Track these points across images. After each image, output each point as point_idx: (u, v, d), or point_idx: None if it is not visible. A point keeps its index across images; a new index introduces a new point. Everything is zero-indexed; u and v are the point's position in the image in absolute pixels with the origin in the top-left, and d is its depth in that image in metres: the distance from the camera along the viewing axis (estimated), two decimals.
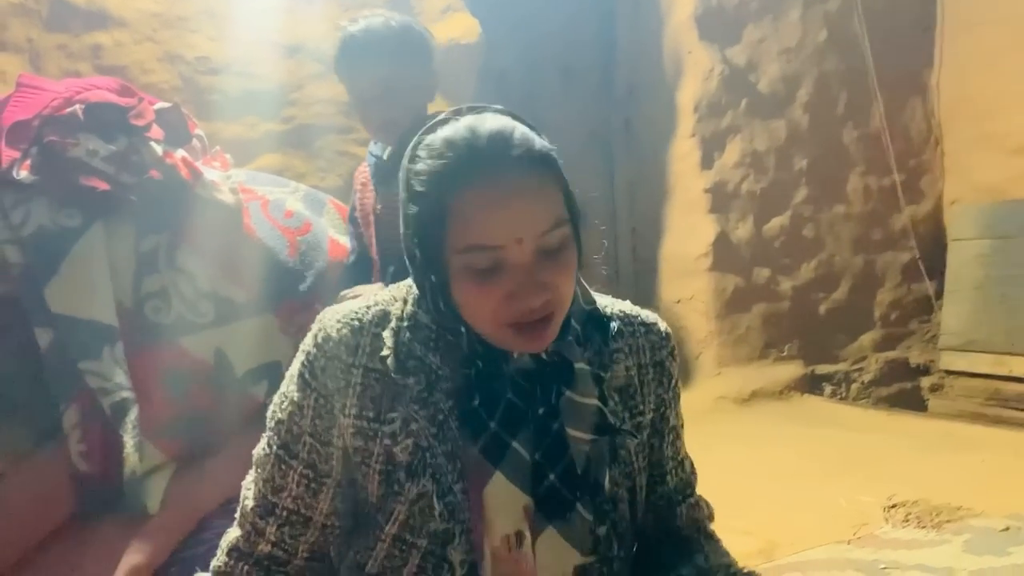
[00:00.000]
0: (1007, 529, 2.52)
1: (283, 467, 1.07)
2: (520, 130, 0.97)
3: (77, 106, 2.22)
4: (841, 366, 4.61)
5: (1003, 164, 4.63)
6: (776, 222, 4.55)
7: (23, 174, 2.09)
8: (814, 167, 4.62)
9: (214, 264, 2.21)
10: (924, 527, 2.61)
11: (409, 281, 1.08)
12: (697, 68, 4.40)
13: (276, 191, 2.47)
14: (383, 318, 1.05)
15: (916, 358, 4.82)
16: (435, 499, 1.00)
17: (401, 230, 1.02)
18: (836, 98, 4.68)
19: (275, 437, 1.09)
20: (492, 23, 3.88)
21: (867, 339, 4.74)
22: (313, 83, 3.39)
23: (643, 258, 4.73)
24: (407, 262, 1.04)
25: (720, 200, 4.42)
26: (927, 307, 4.91)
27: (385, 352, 1.02)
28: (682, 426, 1.22)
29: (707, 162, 4.42)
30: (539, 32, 4.45)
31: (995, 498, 2.77)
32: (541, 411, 1.02)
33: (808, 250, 4.63)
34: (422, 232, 0.97)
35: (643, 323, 1.15)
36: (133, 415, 2.00)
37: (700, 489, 1.28)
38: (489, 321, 0.98)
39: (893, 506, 2.78)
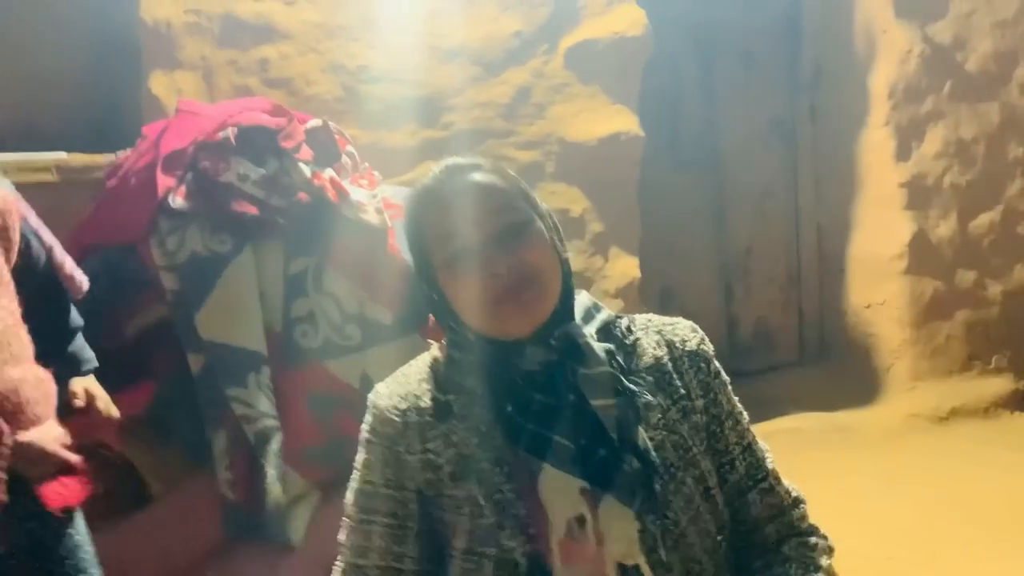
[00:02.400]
0: None
1: (366, 528, 1.12)
2: (470, 160, 1.12)
3: (229, 130, 2.25)
4: None
5: None
6: (985, 219, 4.10)
7: (178, 201, 2.15)
8: None
9: (360, 286, 2.20)
10: None
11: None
12: (892, 48, 4.00)
13: None
14: (421, 368, 1.16)
15: None
16: (481, 499, 1.06)
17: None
18: None
19: (353, 508, 1.14)
20: (661, 11, 3.67)
21: None
22: (472, 87, 3.32)
23: (829, 258, 4.40)
24: (424, 298, 1.16)
25: (918, 195, 4.03)
26: None
27: (427, 388, 1.12)
28: (741, 413, 1.22)
29: (903, 153, 4.02)
30: (714, 17, 4.18)
31: None
32: (572, 398, 1.08)
33: (1023, 249, 4.13)
34: (416, 260, 1.13)
35: (668, 323, 1.23)
36: (276, 444, 2.01)
37: (882, 523, 1.18)
38: (478, 308, 1.08)
39: None
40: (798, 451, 3.59)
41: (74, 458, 1.51)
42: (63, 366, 1.66)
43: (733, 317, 4.32)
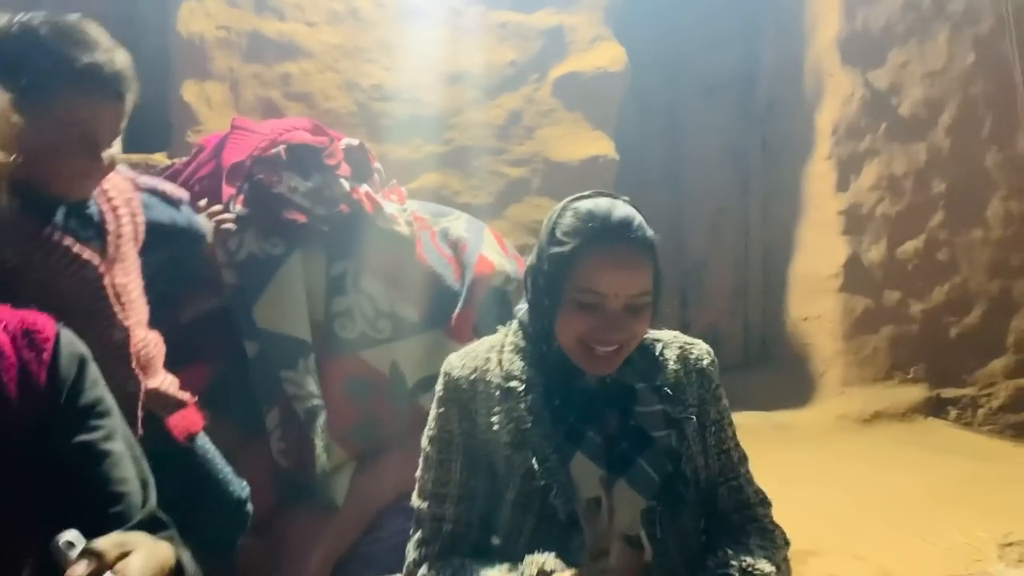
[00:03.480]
0: None
1: (446, 464, 1.39)
2: (639, 221, 1.33)
3: (281, 147, 2.57)
4: (968, 391, 4.61)
5: None
6: (910, 245, 4.57)
7: (238, 208, 2.46)
8: (953, 191, 4.61)
9: (392, 287, 2.53)
10: None
11: (507, 326, 1.47)
12: (838, 91, 4.47)
13: (442, 221, 2.77)
14: (490, 349, 1.43)
15: None
16: (535, 463, 1.32)
17: (532, 261, 1.40)
18: (981, 121, 4.63)
19: (432, 450, 1.41)
20: (637, 48, 4.07)
21: (998, 365, 4.71)
22: (471, 109, 3.68)
23: (773, 274, 4.84)
24: (528, 285, 1.40)
25: (854, 222, 4.49)
26: None
27: (495, 367, 1.39)
28: (730, 424, 1.47)
29: (843, 184, 4.49)
30: (682, 54, 4.61)
31: None
32: (616, 413, 1.36)
33: (942, 274, 4.63)
34: (552, 267, 1.33)
35: (689, 342, 1.48)
36: (322, 419, 2.35)
37: (814, 509, 1.51)
38: (575, 341, 1.32)
39: (1009, 544, 2.88)
40: (741, 444, 3.99)
41: (186, 397, 1.90)
42: None
43: (687, 322, 4.75)
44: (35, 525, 1.02)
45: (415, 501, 1.44)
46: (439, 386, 1.43)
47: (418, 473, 1.44)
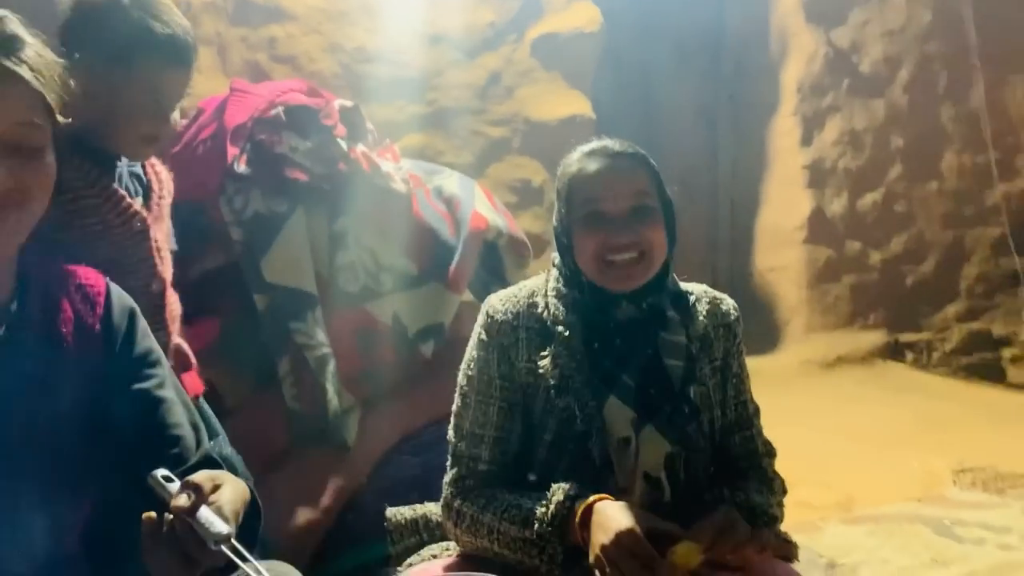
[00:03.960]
0: None
1: (484, 406, 1.42)
2: (622, 142, 1.43)
3: (279, 108, 2.66)
4: (924, 335, 4.88)
5: None
6: (869, 198, 4.80)
7: (242, 168, 2.55)
8: (910, 146, 4.83)
9: (391, 243, 2.65)
10: (989, 491, 2.96)
11: (546, 270, 1.50)
12: (802, 50, 4.65)
13: (435, 178, 2.89)
14: (532, 293, 1.46)
15: (999, 330, 5.04)
16: (576, 409, 1.36)
17: (555, 216, 1.46)
18: (936, 78, 4.85)
19: (470, 390, 1.44)
20: (611, 9, 4.20)
21: (951, 310, 4.98)
22: (452, 70, 3.79)
23: (741, 227, 5.05)
24: (554, 237, 1.47)
25: (817, 176, 4.70)
26: (1014, 281, 5.09)
27: (539, 311, 1.43)
28: (747, 376, 1.52)
29: (807, 139, 4.69)
30: (655, 17, 4.74)
31: None
32: (649, 351, 1.39)
33: (899, 225, 4.87)
34: (560, 203, 1.42)
35: (718, 298, 1.53)
36: (332, 366, 2.48)
37: (784, 445, 1.63)
38: (594, 260, 1.35)
39: (962, 471, 3.13)
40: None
41: (193, 359, 2.00)
42: None
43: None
44: (96, 469, 1.11)
45: (451, 437, 1.47)
46: (480, 327, 1.46)
47: (455, 409, 1.48)
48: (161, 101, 1.61)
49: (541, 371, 1.39)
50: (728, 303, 1.52)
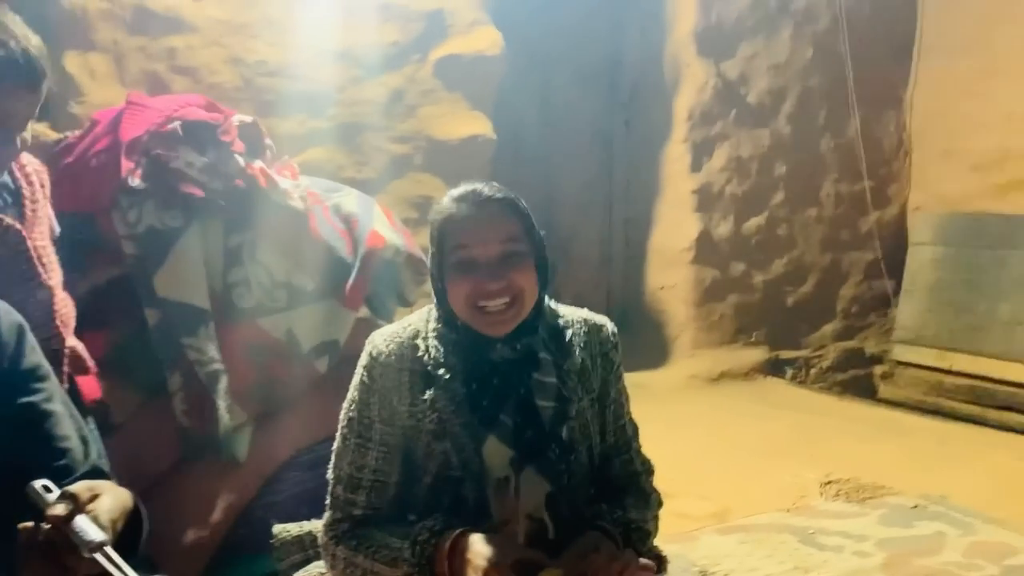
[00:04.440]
0: (916, 507, 3.09)
1: (362, 450, 1.43)
2: (497, 186, 1.42)
3: (176, 123, 2.67)
4: (803, 352, 5.17)
5: (964, 179, 5.12)
6: (753, 222, 5.05)
7: (136, 181, 2.55)
8: (792, 173, 5.11)
9: (287, 259, 2.68)
10: (851, 501, 3.18)
11: (431, 305, 1.51)
12: (693, 80, 4.86)
13: (334, 196, 2.94)
14: (415, 334, 1.47)
15: (871, 348, 5.38)
16: (452, 454, 1.39)
17: (428, 259, 1.48)
18: (817, 111, 5.15)
19: (350, 433, 1.45)
20: (513, 33, 4.31)
21: (828, 329, 5.29)
22: (355, 86, 3.83)
23: (634, 246, 5.22)
24: (431, 279, 1.47)
25: (705, 200, 4.91)
26: (885, 303, 5.46)
27: (420, 354, 1.43)
28: (627, 400, 1.56)
29: (696, 165, 4.90)
30: (555, 42, 4.89)
31: (913, 479, 3.34)
32: (522, 391, 1.42)
33: (781, 248, 5.14)
34: (435, 252, 1.42)
35: (596, 324, 1.54)
36: (223, 382, 2.49)
37: (667, 458, 1.73)
38: (464, 304, 1.37)
39: (829, 482, 3.34)
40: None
41: (91, 363, 2.01)
42: None
43: (556, 292, 5.02)
44: None
45: (329, 477, 1.48)
46: (362, 367, 1.46)
47: (335, 447, 1.49)
48: (4, 123, 1.55)
49: (420, 416, 1.42)
50: (607, 329, 1.55)
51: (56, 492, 0.99)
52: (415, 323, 1.50)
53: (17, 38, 1.58)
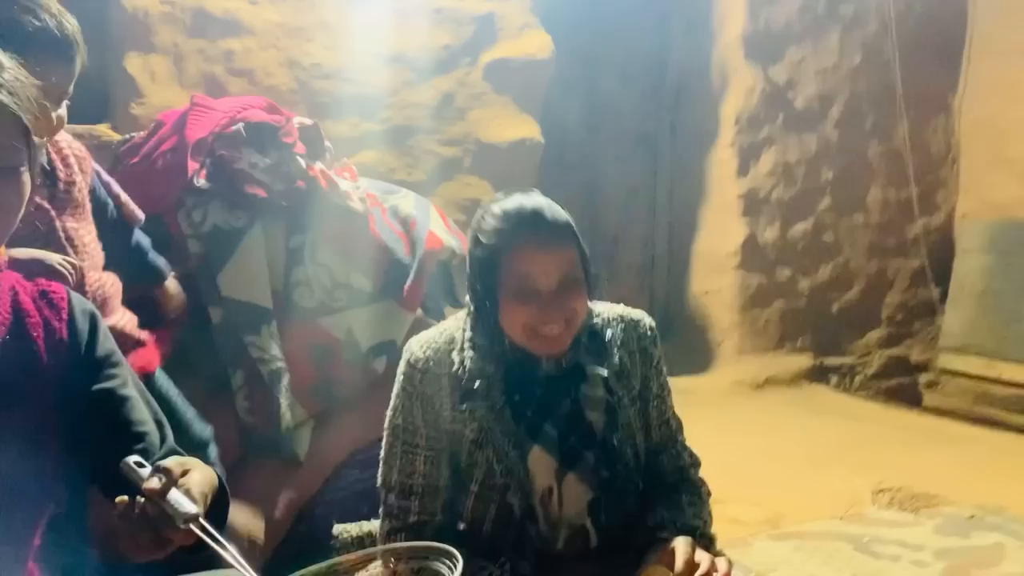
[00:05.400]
0: (972, 517, 3.05)
1: (410, 456, 1.44)
2: (552, 207, 1.42)
3: (240, 125, 2.71)
4: (848, 359, 5.12)
5: (1014, 185, 5.03)
6: (800, 227, 5.01)
7: (201, 182, 2.60)
8: (839, 179, 5.07)
9: (346, 260, 2.71)
10: (904, 510, 3.14)
11: (465, 311, 1.50)
12: (740, 84, 4.83)
13: (391, 198, 2.96)
14: (451, 340, 1.46)
15: (917, 356, 5.32)
16: (495, 462, 1.39)
17: (467, 269, 1.48)
18: (864, 116, 5.10)
19: (396, 440, 1.45)
20: (561, 36, 4.32)
21: (873, 336, 5.23)
22: (407, 89, 3.85)
23: (677, 251, 5.20)
24: (469, 292, 1.47)
25: (752, 205, 4.88)
26: (931, 310, 5.38)
27: (456, 366, 1.43)
28: (668, 394, 1.54)
29: (743, 170, 4.87)
30: (601, 44, 4.89)
31: (966, 489, 3.29)
32: (568, 402, 1.42)
33: (827, 254, 5.09)
34: (484, 269, 1.40)
35: (632, 320, 1.54)
36: (285, 380, 2.53)
37: (716, 462, 1.71)
38: (522, 330, 1.37)
39: (881, 490, 3.30)
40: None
41: (144, 335, 2.04)
42: (147, 274, 2.27)
43: (599, 296, 5.04)
44: (65, 466, 1.15)
45: (380, 489, 1.48)
46: (402, 373, 1.46)
47: (382, 455, 1.49)
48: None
49: (460, 424, 1.42)
50: (644, 323, 1.54)
51: (148, 467, 1.02)
52: (450, 329, 1.49)
53: (50, 12, 1.60)
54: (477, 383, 1.40)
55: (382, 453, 1.49)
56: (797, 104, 4.94)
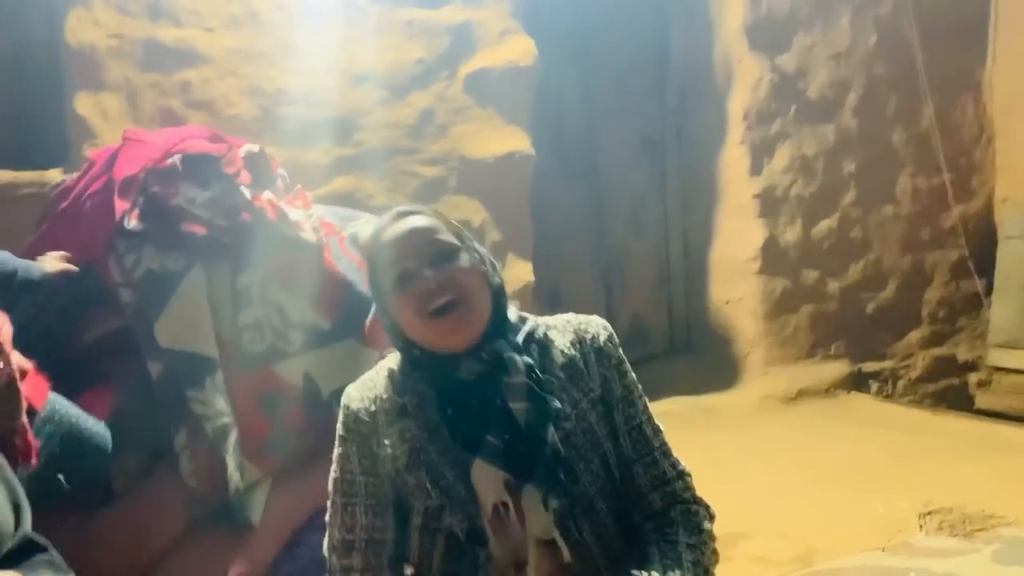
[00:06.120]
0: None
1: (350, 509, 1.38)
2: (415, 206, 1.41)
3: (176, 157, 2.48)
4: (888, 363, 4.75)
5: None
6: (824, 225, 4.68)
7: (133, 223, 2.37)
8: (863, 170, 4.73)
9: (301, 297, 2.47)
10: (956, 535, 2.78)
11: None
12: (746, 77, 4.53)
13: (351, 225, 2.71)
14: (382, 375, 1.41)
15: (964, 355, 4.93)
16: (428, 484, 1.30)
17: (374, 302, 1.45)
18: (885, 101, 4.77)
19: (336, 494, 1.40)
20: (548, 41, 4.06)
21: (915, 336, 4.86)
22: (380, 109, 3.62)
23: (694, 260, 4.90)
24: (381, 318, 1.42)
25: (769, 205, 4.57)
26: (976, 304, 5.00)
27: (388, 394, 1.37)
28: (640, 398, 1.45)
29: (756, 168, 4.56)
30: (593, 46, 4.61)
31: None
32: (499, 402, 1.31)
33: (856, 251, 4.76)
34: (373, 284, 1.40)
35: (583, 322, 1.46)
36: (233, 438, 2.28)
37: (739, 492, 1.49)
38: (414, 319, 1.31)
39: (928, 513, 2.95)
40: (669, 430, 3.93)
41: (28, 365, 1.86)
42: None
43: (612, 313, 4.75)
44: None
45: (325, 552, 1.42)
46: (339, 422, 1.42)
47: (327, 518, 1.43)
48: None
49: (393, 450, 1.34)
50: (596, 324, 1.46)
51: None
52: (388, 363, 1.44)
53: None
54: (407, 398, 1.35)
55: (326, 516, 1.43)
56: (810, 94, 4.63)
